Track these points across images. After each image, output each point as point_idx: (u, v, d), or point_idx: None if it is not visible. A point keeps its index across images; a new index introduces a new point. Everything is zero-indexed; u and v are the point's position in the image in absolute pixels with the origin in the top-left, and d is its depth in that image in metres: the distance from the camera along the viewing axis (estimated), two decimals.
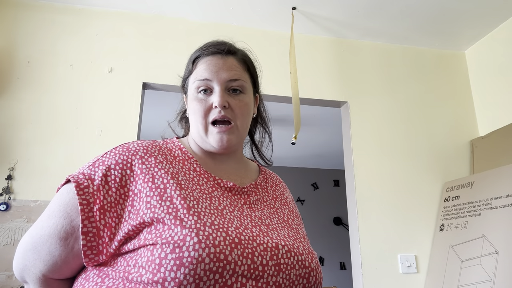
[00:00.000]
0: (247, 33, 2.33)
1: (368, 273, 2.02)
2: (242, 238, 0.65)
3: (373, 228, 2.10)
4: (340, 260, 5.34)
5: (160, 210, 0.65)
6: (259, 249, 0.65)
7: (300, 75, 2.25)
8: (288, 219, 0.81)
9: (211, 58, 0.81)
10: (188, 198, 0.67)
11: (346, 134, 2.31)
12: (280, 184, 0.93)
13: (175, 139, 0.84)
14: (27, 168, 1.87)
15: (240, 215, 0.71)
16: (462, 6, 2.16)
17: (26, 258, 0.69)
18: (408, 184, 2.23)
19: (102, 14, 2.19)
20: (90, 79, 2.07)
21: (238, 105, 0.80)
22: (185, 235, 0.60)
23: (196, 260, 0.58)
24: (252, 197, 0.80)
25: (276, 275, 0.65)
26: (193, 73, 0.82)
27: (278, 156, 5.11)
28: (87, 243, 0.65)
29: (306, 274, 0.69)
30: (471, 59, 2.56)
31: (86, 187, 0.67)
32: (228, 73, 0.79)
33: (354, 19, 2.28)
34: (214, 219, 0.65)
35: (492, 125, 2.31)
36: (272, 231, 0.72)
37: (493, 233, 1.77)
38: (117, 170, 0.70)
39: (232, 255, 0.61)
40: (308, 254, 0.72)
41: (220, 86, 0.78)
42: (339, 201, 5.57)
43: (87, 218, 0.65)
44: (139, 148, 0.74)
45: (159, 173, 0.70)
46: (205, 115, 0.78)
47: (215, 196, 0.73)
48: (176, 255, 0.59)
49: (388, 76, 2.44)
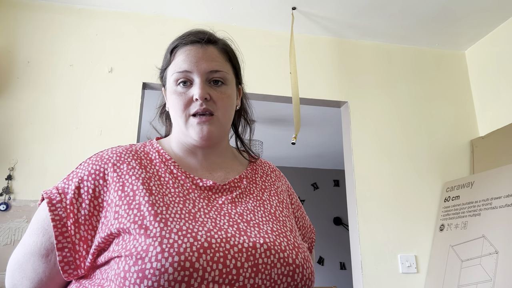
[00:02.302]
0: (247, 33, 2.33)
1: (368, 273, 2.02)
2: (213, 241, 0.62)
3: (373, 228, 2.10)
4: (340, 260, 5.34)
5: (127, 220, 0.63)
6: (232, 251, 0.62)
7: (300, 75, 2.25)
8: (276, 211, 0.76)
9: (190, 48, 0.76)
10: (157, 204, 0.65)
11: (346, 134, 2.31)
12: (273, 174, 0.88)
13: (155, 141, 0.81)
14: (27, 168, 1.87)
15: (216, 215, 0.68)
16: (462, 6, 2.16)
17: (14, 277, 0.69)
18: (408, 184, 2.23)
19: (102, 14, 2.19)
20: (90, 79, 2.07)
21: (220, 97, 0.75)
22: (148, 245, 0.59)
23: (159, 271, 0.56)
24: (235, 191, 0.76)
25: (254, 277, 0.62)
26: (171, 64, 0.77)
27: (278, 156, 5.11)
28: (64, 259, 0.64)
29: (290, 272, 0.65)
30: (471, 59, 2.56)
31: (58, 201, 0.67)
32: (209, 63, 0.75)
33: (354, 19, 2.28)
34: (183, 224, 0.63)
35: (492, 125, 2.30)
36: (252, 227, 0.69)
37: (493, 233, 1.77)
38: (90, 181, 0.68)
39: (200, 261, 0.58)
40: (293, 250, 0.68)
41: (200, 78, 0.74)
42: (339, 201, 5.57)
43: (61, 233, 0.65)
44: (112, 156, 0.72)
45: (129, 180, 0.69)
46: (185, 108, 0.74)
47: (190, 198, 0.70)
48: (138, 267, 0.57)
49: (388, 76, 2.44)
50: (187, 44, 0.77)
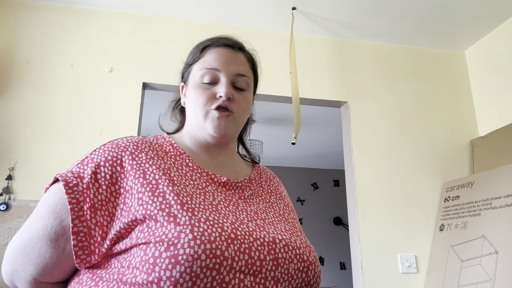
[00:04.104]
0: (247, 33, 2.33)
1: (368, 273, 2.02)
2: (238, 233, 0.63)
3: (373, 228, 2.10)
4: (340, 260, 5.34)
5: (153, 206, 0.63)
6: (256, 244, 0.64)
7: (300, 75, 2.25)
8: (284, 213, 0.80)
9: (222, 49, 0.81)
10: (182, 194, 0.66)
11: (346, 134, 2.31)
12: (274, 179, 0.92)
13: (166, 135, 0.82)
14: (27, 168, 1.87)
15: (235, 210, 0.70)
16: (462, 6, 2.16)
17: (15, 262, 0.67)
18: (408, 184, 2.23)
19: (102, 14, 2.19)
20: (90, 79, 2.07)
21: (242, 99, 0.79)
22: (179, 232, 0.59)
23: (192, 257, 0.57)
24: (246, 191, 0.78)
25: (275, 270, 0.64)
26: (200, 61, 0.81)
27: (278, 156, 5.11)
28: (78, 243, 0.63)
29: (305, 268, 0.68)
30: (471, 59, 2.56)
31: (75, 185, 0.65)
32: (238, 67, 0.80)
33: (354, 19, 2.28)
34: (208, 215, 0.64)
35: (492, 125, 2.31)
36: (268, 225, 0.71)
37: (493, 233, 1.77)
38: (107, 167, 0.68)
39: (229, 250, 0.60)
40: (306, 248, 0.71)
41: (227, 78, 0.78)
42: (339, 201, 5.57)
43: (78, 217, 0.63)
44: (129, 144, 0.72)
45: (150, 169, 0.69)
46: (207, 102, 0.77)
47: (209, 191, 0.71)
48: (171, 253, 0.57)
49: (388, 76, 2.44)
50: (220, 46, 0.82)
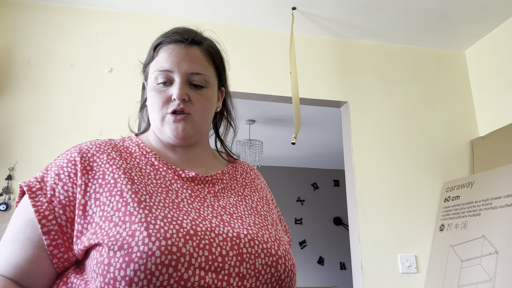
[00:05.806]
0: (247, 33, 2.33)
1: (368, 273, 2.02)
2: (199, 229, 0.63)
3: (373, 228, 2.10)
4: (340, 260, 5.34)
5: (110, 207, 0.63)
6: (217, 239, 0.63)
7: (300, 75, 2.25)
8: (257, 206, 0.78)
9: (174, 47, 0.77)
10: (140, 193, 0.65)
11: (346, 134, 2.31)
12: (252, 172, 0.90)
13: (134, 136, 0.81)
14: (27, 168, 1.87)
15: (200, 206, 0.69)
16: (462, 6, 2.16)
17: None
18: (408, 184, 2.23)
19: (102, 14, 2.19)
20: (90, 79, 2.07)
21: (199, 99, 0.76)
22: (134, 230, 0.59)
23: (146, 254, 0.56)
24: (218, 185, 0.77)
25: (239, 266, 0.63)
26: (154, 61, 0.78)
27: (278, 156, 5.11)
28: (52, 242, 0.63)
29: (274, 263, 0.66)
30: (471, 59, 2.56)
31: (38, 189, 0.66)
32: (191, 65, 0.75)
33: (354, 19, 2.28)
34: (167, 213, 0.63)
35: (492, 125, 2.30)
36: (235, 220, 0.70)
37: (493, 233, 1.77)
38: (70, 167, 0.69)
39: (186, 247, 0.59)
40: (275, 242, 0.70)
41: (180, 78, 0.74)
42: (339, 201, 5.57)
43: (44, 217, 0.63)
44: (91, 147, 0.73)
45: (110, 168, 0.69)
46: (162, 105, 0.75)
47: (173, 189, 0.70)
48: (125, 252, 0.56)
49: (388, 76, 2.44)
50: (171, 43, 0.77)
